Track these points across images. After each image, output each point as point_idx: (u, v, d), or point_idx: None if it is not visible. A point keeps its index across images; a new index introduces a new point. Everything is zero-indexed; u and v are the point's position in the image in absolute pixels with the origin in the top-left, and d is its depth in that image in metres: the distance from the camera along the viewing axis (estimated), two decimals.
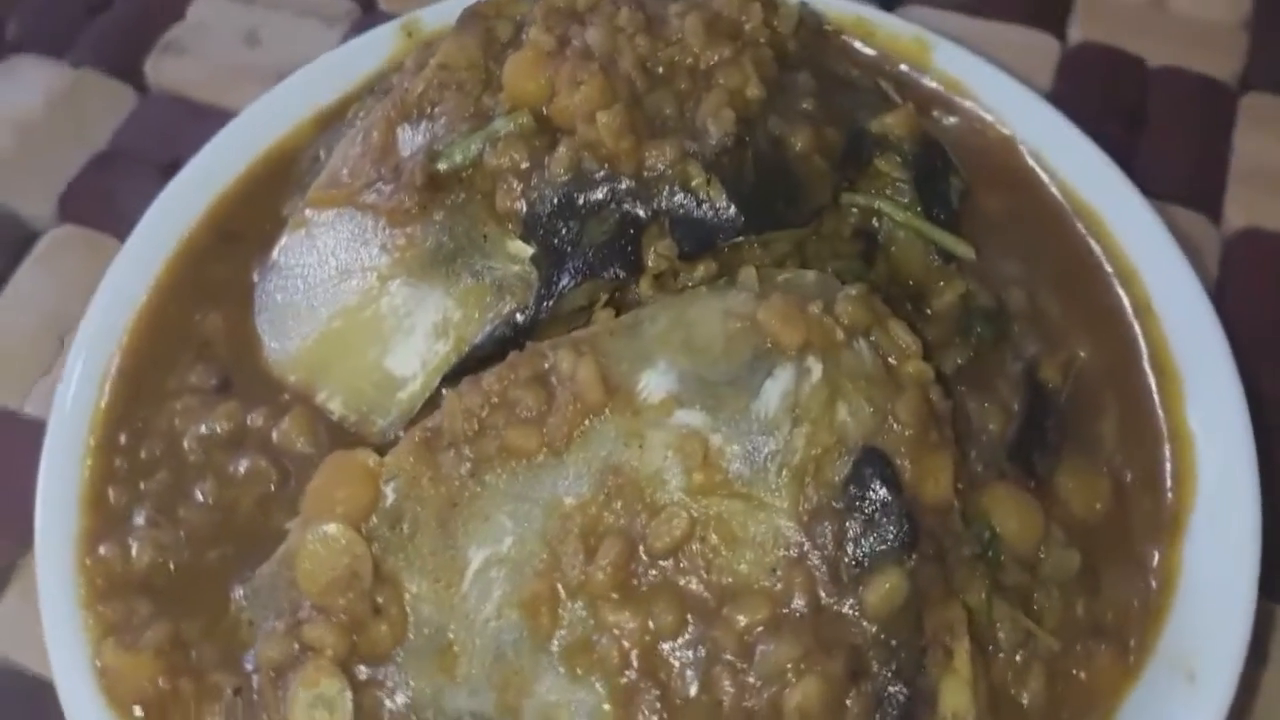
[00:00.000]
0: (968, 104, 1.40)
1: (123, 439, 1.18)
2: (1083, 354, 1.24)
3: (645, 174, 1.10)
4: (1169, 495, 1.19)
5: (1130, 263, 1.30)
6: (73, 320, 1.30)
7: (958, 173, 1.28)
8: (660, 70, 1.14)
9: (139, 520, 1.13)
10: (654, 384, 1.05)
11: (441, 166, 1.13)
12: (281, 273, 1.22)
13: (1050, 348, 1.24)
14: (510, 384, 1.05)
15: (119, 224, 1.41)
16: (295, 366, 1.20)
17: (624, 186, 1.11)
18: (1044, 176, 1.36)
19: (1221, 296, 1.49)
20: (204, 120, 1.54)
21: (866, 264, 1.21)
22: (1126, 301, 1.29)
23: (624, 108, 1.09)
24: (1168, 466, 1.20)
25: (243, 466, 1.15)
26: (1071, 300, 1.29)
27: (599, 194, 1.11)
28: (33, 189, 1.64)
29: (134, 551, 1.12)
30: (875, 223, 1.22)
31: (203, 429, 1.17)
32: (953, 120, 1.38)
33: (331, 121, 1.36)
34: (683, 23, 1.14)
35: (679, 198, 1.10)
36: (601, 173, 1.11)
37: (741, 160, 1.11)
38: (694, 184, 1.10)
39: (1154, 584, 1.15)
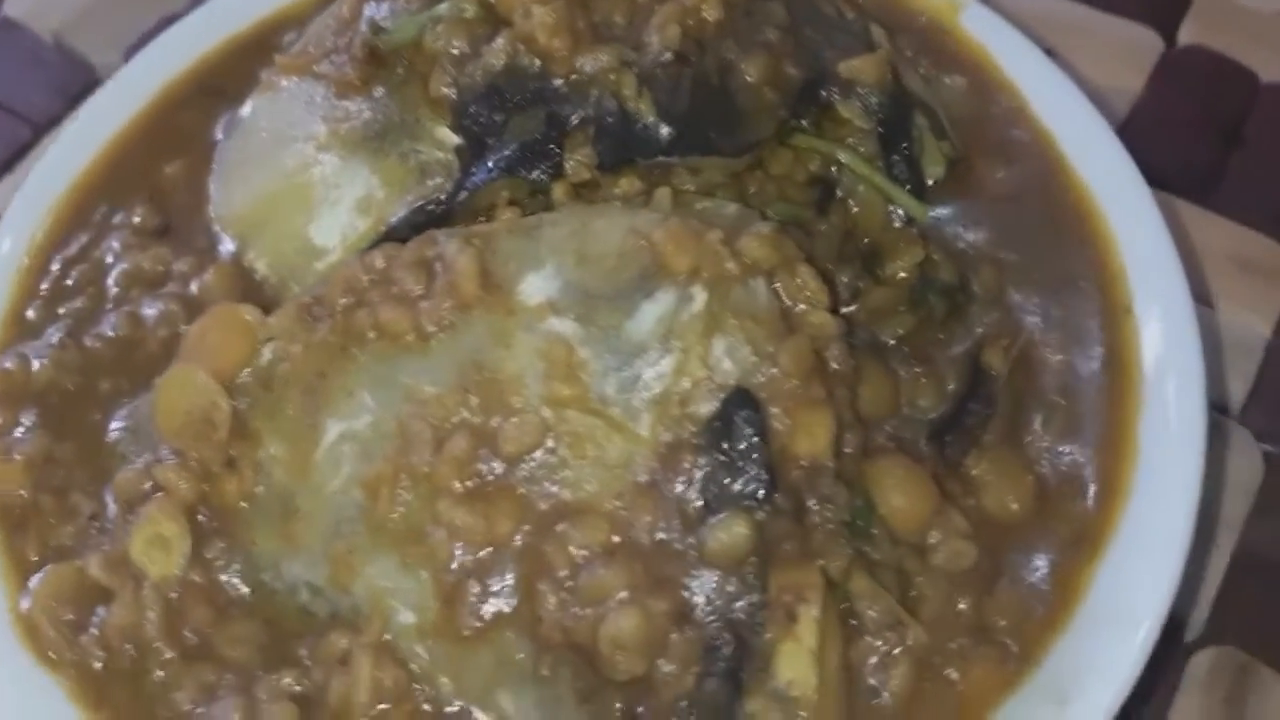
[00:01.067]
0: (988, 70, 1.31)
1: (55, 265, 1.22)
2: (1028, 339, 1.14)
3: (577, 77, 1.07)
4: (1095, 508, 1.09)
5: (1120, 260, 1.19)
6: None
7: (946, 136, 1.20)
8: None
9: (48, 340, 1.17)
10: (535, 287, 1.02)
11: (382, 42, 1.12)
12: (241, 131, 1.24)
13: (1002, 332, 1.16)
14: (394, 263, 1.04)
15: None
16: (233, 223, 1.22)
17: (554, 86, 1.08)
18: (1052, 158, 1.26)
19: None
20: None
21: (819, 213, 1.15)
22: (1106, 300, 1.18)
23: (565, 5, 1.06)
24: (1101, 478, 1.10)
25: (156, 308, 1.18)
26: (1046, 289, 1.19)
27: (528, 91, 1.08)
28: (105, 38, 1.70)
29: (35, 366, 1.15)
30: (835, 172, 1.16)
31: (128, 265, 1.20)
32: (963, 83, 1.29)
33: None
34: None
35: (607, 106, 1.07)
36: (535, 69, 1.08)
37: (679, 78, 1.07)
38: (624, 94, 1.07)
39: (1056, 597, 1.07)
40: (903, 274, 1.16)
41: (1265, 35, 1.68)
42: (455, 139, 1.11)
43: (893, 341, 1.15)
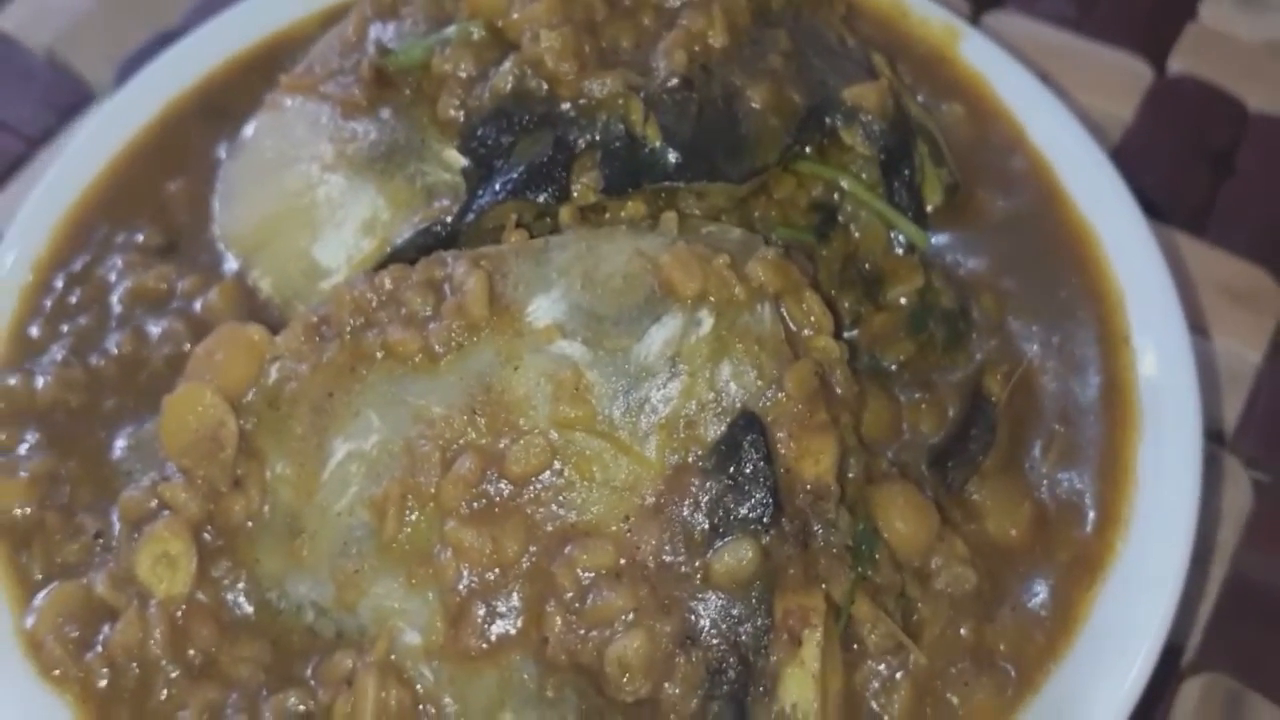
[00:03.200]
0: (986, 99, 1.32)
1: (59, 283, 1.22)
2: (1028, 366, 1.16)
3: (584, 101, 1.08)
4: (1094, 535, 1.11)
5: (1119, 290, 1.21)
6: None
7: (945, 164, 1.22)
8: (628, 2, 1.12)
9: (52, 358, 1.17)
10: (543, 309, 1.03)
11: (389, 64, 1.13)
12: (245, 151, 1.25)
13: (1002, 359, 1.17)
14: (403, 284, 1.05)
15: None
16: (237, 242, 1.22)
17: (562, 110, 1.09)
18: (1049, 187, 1.28)
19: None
20: None
21: (820, 238, 1.16)
22: (1105, 329, 1.20)
23: (572, 30, 1.07)
24: (1100, 506, 1.12)
25: (160, 326, 1.18)
26: (1046, 317, 1.21)
27: (536, 114, 1.09)
28: (98, 54, 1.71)
29: (39, 384, 1.15)
30: (837, 198, 1.17)
31: (131, 283, 1.20)
32: (961, 110, 1.31)
33: (340, 18, 1.38)
34: None
35: (614, 130, 1.08)
36: (542, 92, 1.09)
37: (686, 104, 1.08)
38: (632, 119, 1.08)
39: (1055, 623, 1.08)
40: (903, 300, 1.18)
41: (1253, 65, 1.71)
42: (462, 161, 1.12)
43: (894, 367, 1.17)
